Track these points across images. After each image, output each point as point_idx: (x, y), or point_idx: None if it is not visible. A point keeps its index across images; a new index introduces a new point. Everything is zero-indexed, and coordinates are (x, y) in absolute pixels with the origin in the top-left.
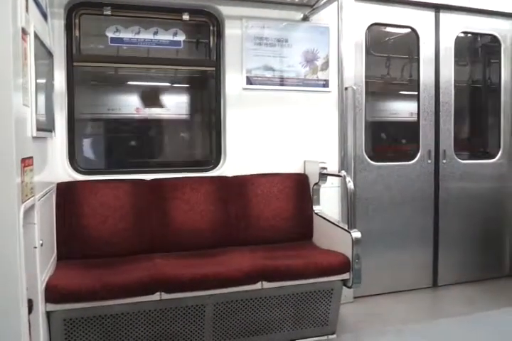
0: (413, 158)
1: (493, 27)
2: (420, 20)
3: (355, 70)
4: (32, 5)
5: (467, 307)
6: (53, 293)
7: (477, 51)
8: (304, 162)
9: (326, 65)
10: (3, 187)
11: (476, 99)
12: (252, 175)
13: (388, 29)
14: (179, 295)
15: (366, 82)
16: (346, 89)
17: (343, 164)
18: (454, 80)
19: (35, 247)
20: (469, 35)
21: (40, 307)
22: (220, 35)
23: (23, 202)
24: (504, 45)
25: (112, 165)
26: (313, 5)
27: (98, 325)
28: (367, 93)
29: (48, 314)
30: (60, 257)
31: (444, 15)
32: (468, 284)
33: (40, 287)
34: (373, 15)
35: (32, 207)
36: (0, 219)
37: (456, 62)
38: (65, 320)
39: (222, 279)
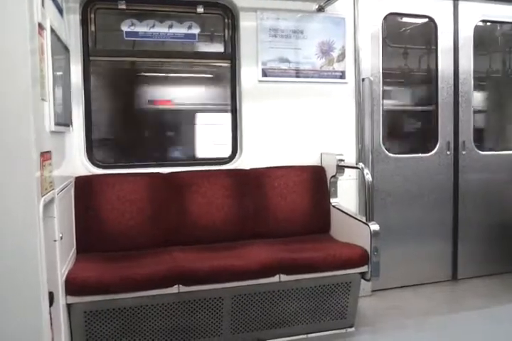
0: (432, 149)
1: None
2: (438, 9)
3: (371, 61)
4: (48, 0)
5: (487, 301)
6: (73, 286)
7: (497, 40)
8: (321, 154)
9: (342, 56)
10: (23, 181)
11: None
12: (268, 168)
13: (405, 19)
14: (197, 288)
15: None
16: (363, 80)
17: (361, 156)
18: (473, 70)
19: (55, 240)
20: (489, 23)
21: (61, 299)
22: (234, 27)
23: (42, 196)
24: None
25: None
26: None
27: (117, 317)
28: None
29: (69, 306)
30: (79, 250)
31: (462, 4)
32: (488, 277)
33: (61, 280)
34: (390, 4)
35: (51, 200)
36: (20, 213)
37: (476, 52)
38: (85, 312)
39: (239, 272)
